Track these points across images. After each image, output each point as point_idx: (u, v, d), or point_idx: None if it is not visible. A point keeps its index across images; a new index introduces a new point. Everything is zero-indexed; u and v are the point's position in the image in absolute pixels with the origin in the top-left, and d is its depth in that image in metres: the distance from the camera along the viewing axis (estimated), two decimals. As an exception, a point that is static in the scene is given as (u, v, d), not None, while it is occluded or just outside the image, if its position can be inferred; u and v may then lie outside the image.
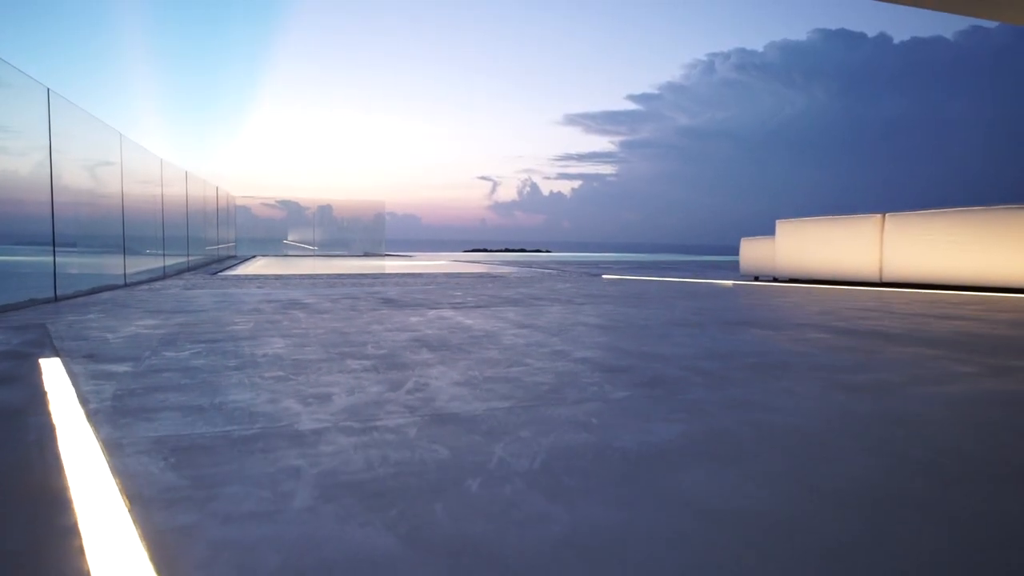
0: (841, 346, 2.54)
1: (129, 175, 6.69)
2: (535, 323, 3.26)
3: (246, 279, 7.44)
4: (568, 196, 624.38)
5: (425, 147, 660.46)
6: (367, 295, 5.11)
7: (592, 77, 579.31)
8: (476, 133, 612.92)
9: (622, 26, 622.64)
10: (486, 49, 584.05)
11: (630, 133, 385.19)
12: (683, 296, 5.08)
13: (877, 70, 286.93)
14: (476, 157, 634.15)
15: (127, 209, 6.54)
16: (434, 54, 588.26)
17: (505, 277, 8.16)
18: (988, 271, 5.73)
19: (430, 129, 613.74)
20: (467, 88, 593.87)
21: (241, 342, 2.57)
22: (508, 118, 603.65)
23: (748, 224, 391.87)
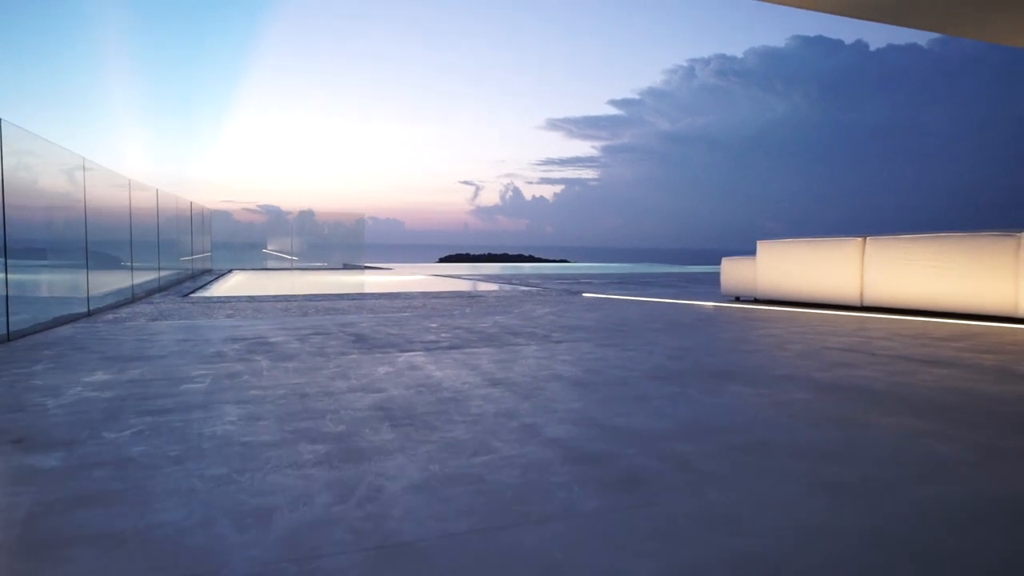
0: (825, 415, 2.43)
1: (94, 199, 6.47)
2: (507, 376, 3.12)
3: (218, 303, 7.23)
4: (551, 201, 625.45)
5: (407, 151, 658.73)
6: (338, 329, 4.95)
7: (574, 82, 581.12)
8: (458, 137, 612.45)
9: (604, 31, 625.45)
10: (468, 53, 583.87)
11: (612, 138, 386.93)
12: (664, 326, 4.97)
13: (855, 77, 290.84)
14: (458, 161, 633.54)
15: (93, 231, 6.32)
16: (416, 58, 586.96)
17: (484, 298, 8.01)
18: (968, 298, 5.68)
19: (412, 133, 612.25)
20: (449, 92, 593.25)
21: (192, 413, 2.40)
22: (490, 122, 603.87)
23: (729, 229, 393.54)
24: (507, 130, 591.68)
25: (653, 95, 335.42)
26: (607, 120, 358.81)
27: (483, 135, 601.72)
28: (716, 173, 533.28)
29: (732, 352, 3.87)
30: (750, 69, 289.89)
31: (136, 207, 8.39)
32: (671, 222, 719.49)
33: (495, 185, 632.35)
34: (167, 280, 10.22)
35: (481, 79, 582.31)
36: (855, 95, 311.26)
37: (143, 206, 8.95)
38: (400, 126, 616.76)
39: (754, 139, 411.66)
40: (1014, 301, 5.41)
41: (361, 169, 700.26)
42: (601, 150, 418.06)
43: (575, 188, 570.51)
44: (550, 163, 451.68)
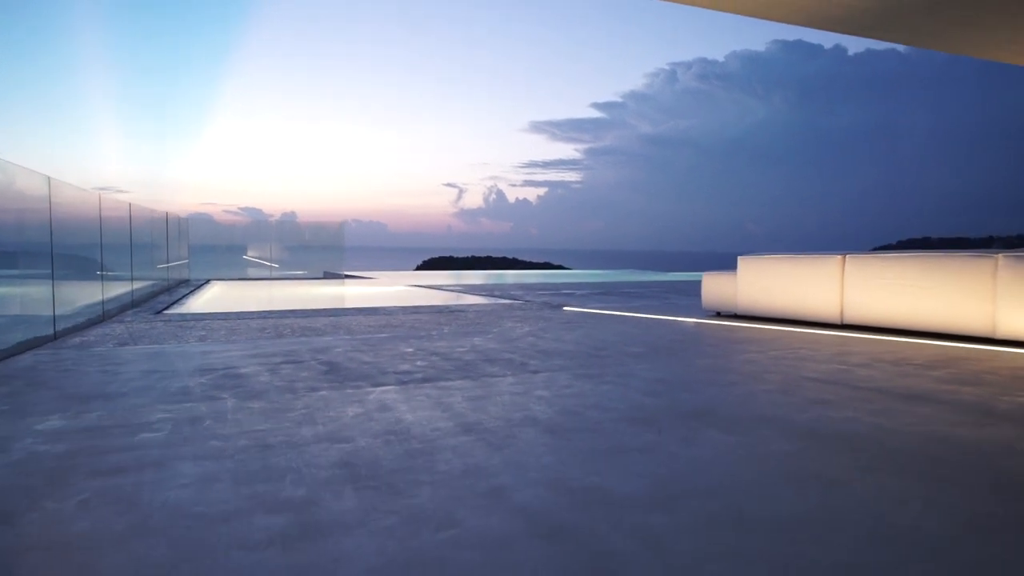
0: (803, 472, 2.36)
1: (62, 216, 6.30)
2: (480, 419, 3.02)
3: (191, 322, 7.07)
4: (534, 203, 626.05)
5: (390, 154, 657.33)
6: (311, 356, 4.83)
7: (557, 85, 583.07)
8: (442, 140, 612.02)
9: (586, 34, 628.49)
10: (451, 56, 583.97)
11: (594, 141, 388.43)
12: (643, 351, 4.90)
13: (833, 80, 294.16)
14: (442, 164, 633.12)
15: (61, 249, 6.14)
16: (399, 60, 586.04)
17: (464, 313, 7.91)
18: (947, 319, 5.68)
19: (395, 136, 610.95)
20: (432, 95, 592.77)
21: (144, 474, 2.29)
22: (474, 125, 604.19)
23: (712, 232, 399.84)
24: (490, 132, 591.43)
25: (635, 98, 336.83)
26: (590, 123, 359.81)
27: (466, 137, 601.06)
28: (698, 176, 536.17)
29: (710, 386, 3.80)
30: (731, 73, 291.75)
31: (108, 222, 8.21)
32: (654, 225, 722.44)
33: (478, 188, 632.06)
34: (141, 294, 10.01)
35: (464, 81, 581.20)
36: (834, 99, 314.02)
37: (115, 222, 8.76)
38: (383, 128, 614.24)
39: (736, 142, 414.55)
40: (992, 323, 5.41)
41: (344, 172, 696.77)
42: (584, 153, 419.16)
43: (558, 191, 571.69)
44: (533, 165, 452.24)
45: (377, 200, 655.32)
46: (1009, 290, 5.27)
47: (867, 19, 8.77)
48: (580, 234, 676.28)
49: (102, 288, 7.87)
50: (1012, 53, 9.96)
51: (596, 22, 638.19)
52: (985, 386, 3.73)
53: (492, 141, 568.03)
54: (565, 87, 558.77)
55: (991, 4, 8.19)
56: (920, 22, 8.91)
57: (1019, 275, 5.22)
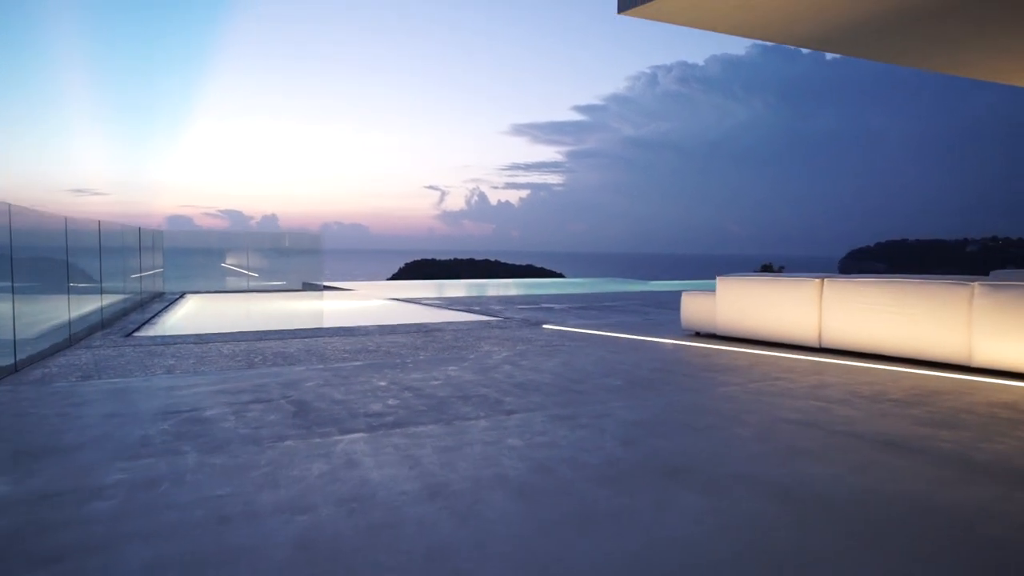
0: (778, 548, 2.29)
1: (23, 242, 6.11)
2: (448, 479, 2.93)
3: (161, 346, 6.88)
4: (516, 206, 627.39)
5: (372, 156, 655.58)
6: (281, 392, 4.69)
7: (539, 87, 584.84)
8: (423, 142, 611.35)
9: (567, 37, 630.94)
10: (433, 58, 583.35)
11: (576, 143, 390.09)
12: (621, 384, 4.82)
13: (813, 84, 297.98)
14: (423, 166, 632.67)
15: (24, 272, 5.95)
16: (380, 63, 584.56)
17: (442, 333, 7.79)
18: (924, 346, 5.67)
19: (376, 138, 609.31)
20: (414, 97, 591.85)
21: (88, 559, 2.16)
22: (456, 127, 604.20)
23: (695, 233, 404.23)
24: (472, 135, 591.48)
25: (617, 101, 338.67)
26: (571, 125, 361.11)
27: (448, 140, 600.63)
28: (680, 178, 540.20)
29: (687, 431, 3.74)
30: (711, 76, 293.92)
31: (76, 242, 8.00)
32: (637, 228, 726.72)
33: (461, 190, 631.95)
34: (112, 311, 9.78)
35: (446, 84, 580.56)
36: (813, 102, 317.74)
37: (84, 239, 8.55)
38: (364, 131, 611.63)
39: (717, 145, 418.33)
40: (968, 351, 5.41)
41: (325, 174, 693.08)
42: (566, 155, 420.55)
43: (540, 193, 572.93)
44: (515, 168, 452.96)
45: (358, 202, 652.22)
46: (984, 319, 5.27)
47: (839, 37, 8.80)
48: (562, 237, 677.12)
49: (69, 309, 7.67)
50: (983, 70, 10.05)
51: (577, 25, 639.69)
52: (962, 429, 3.70)
53: (474, 143, 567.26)
54: (547, 90, 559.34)
55: (962, 24, 8.25)
56: (891, 41, 8.96)
57: (994, 305, 5.22)
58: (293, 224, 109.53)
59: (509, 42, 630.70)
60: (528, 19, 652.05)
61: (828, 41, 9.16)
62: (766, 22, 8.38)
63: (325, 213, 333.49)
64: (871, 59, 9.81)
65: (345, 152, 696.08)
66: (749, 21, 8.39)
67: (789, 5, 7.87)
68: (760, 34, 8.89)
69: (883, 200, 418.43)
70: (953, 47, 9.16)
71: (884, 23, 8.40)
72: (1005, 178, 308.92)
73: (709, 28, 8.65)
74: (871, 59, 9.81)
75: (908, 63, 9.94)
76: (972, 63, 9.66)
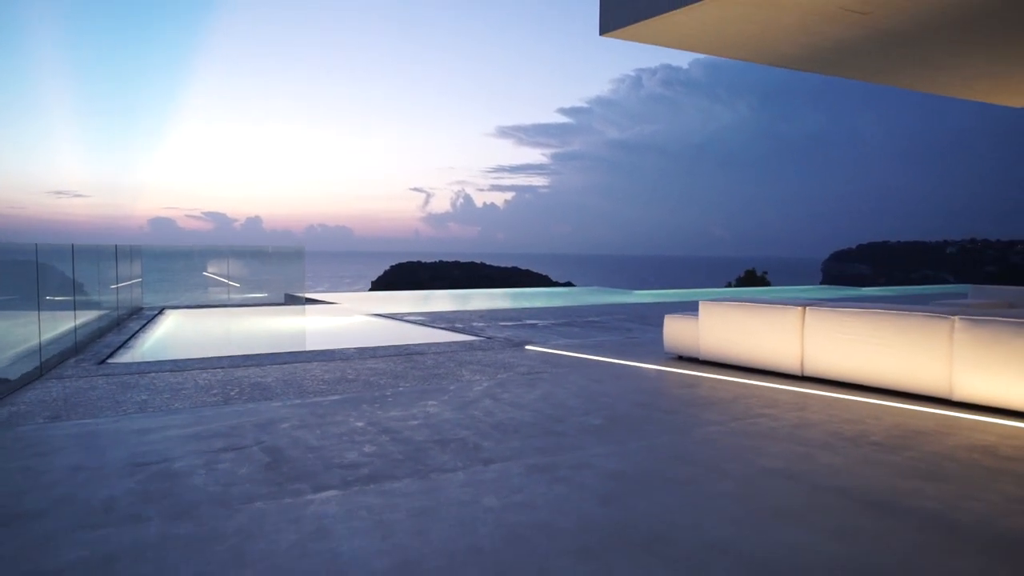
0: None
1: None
2: (421, 554, 2.84)
3: (135, 375, 6.72)
4: (501, 208, 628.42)
5: (356, 158, 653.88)
6: (255, 437, 4.57)
7: (524, 90, 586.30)
8: (408, 144, 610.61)
9: (552, 39, 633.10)
10: (418, 60, 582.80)
11: (561, 146, 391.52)
12: (602, 422, 4.75)
13: (795, 86, 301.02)
14: (408, 168, 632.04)
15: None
16: (365, 65, 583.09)
17: (422, 358, 7.68)
18: (905, 377, 5.66)
19: (361, 141, 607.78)
20: (399, 99, 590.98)
21: (38, 667, 2.05)
22: (440, 129, 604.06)
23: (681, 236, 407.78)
24: (457, 137, 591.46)
25: (601, 103, 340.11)
26: (556, 128, 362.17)
27: (433, 142, 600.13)
28: (665, 180, 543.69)
29: (667, 486, 3.68)
30: (695, 79, 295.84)
31: (48, 266, 7.83)
32: (621, 229, 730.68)
33: (446, 192, 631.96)
34: (86, 332, 9.58)
35: (431, 85, 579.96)
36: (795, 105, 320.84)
37: (57, 258, 8.38)
38: (349, 133, 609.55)
39: (701, 147, 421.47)
40: (948, 385, 5.40)
41: (309, 176, 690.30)
42: (551, 157, 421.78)
43: (526, 195, 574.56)
44: (500, 170, 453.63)
45: (343, 205, 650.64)
46: (964, 353, 5.26)
47: (820, 58, 8.82)
48: (547, 239, 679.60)
49: (39, 335, 7.49)
50: (960, 90, 10.12)
51: (562, 27, 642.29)
52: (945, 481, 3.66)
53: (459, 145, 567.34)
54: (532, 92, 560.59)
55: (938, 47, 8.28)
56: (869, 61, 9.00)
57: (974, 339, 5.21)
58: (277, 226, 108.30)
59: (494, 44, 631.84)
60: (512, 21, 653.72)
61: (809, 61, 9.17)
62: (747, 44, 8.38)
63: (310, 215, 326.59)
64: (850, 78, 9.85)
65: (330, 154, 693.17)
66: (730, 43, 8.39)
67: (769, 28, 7.87)
68: (741, 55, 8.88)
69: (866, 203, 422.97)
70: (930, 69, 9.21)
71: (863, 46, 8.42)
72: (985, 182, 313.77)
73: (691, 49, 8.63)
74: (850, 78, 9.85)
75: (886, 82, 10.00)
76: (949, 84, 9.73)
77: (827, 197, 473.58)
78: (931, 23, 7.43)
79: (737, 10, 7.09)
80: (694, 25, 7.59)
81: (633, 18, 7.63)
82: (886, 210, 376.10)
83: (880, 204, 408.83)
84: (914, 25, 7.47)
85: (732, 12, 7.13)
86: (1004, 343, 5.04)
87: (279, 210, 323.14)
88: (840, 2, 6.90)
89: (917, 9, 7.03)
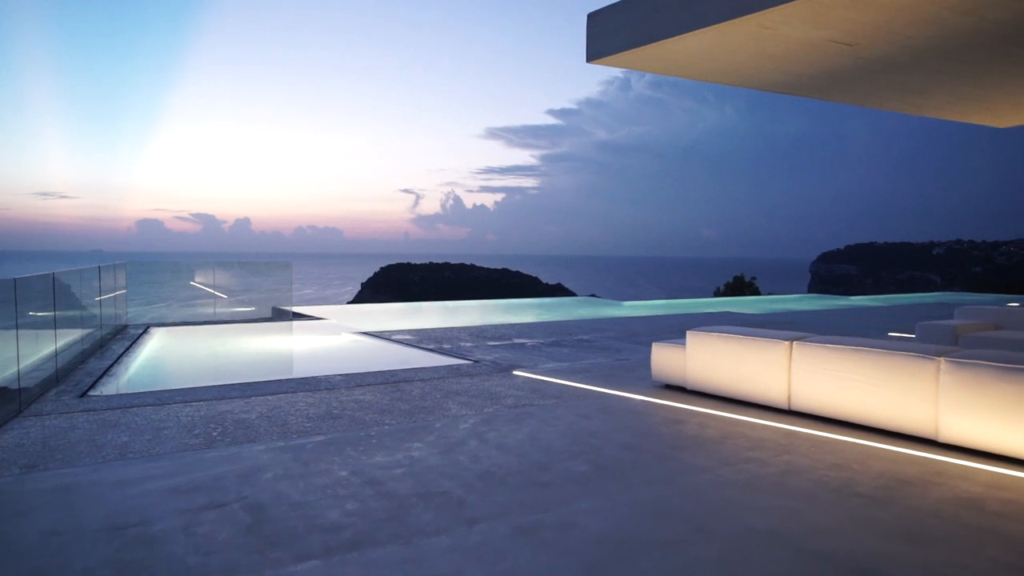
0: None
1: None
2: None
3: (117, 411, 6.61)
4: (491, 209, 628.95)
5: (345, 160, 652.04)
6: (237, 489, 4.50)
7: (513, 91, 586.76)
8: (397, 146, 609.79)
9: (541, 40, 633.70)
10: (407, 61, 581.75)
11: (551, 147, 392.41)
12: (588, 471, 4.71)
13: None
14: (398, 170, 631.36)
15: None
16: (354, 67, 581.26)
17: (409, 387, 7.61)
18: (892, 416, 5.66)
19: (350, 142, 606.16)
20: (388, 100, 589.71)
21: None
22: (429, 131, 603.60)
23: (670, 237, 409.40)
24: (447, 138, 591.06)
25: (590, 105, 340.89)
26: (546, 129, 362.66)
27: (423, 143, 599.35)
28: (654, 182, 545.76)
29: (652, 550, 3.64)
30: (684, 81, 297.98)
31: (26, 298, 7.72)
32: (611, 231, 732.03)
33: (436, 194, 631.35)
34: (68, 356, 9.45)
35: (420, 87, 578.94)
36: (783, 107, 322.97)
37: (36, 288, 8.27)
38: (339, 134, 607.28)
39: (689, 149, 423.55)
40: (934, 426, 5.40)
41: (299, 178, 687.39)
42: (540, 159, 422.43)
43: (515, 196, 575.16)
44: (490, 171, 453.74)
45: (332, 206, 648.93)
46: (950, 396, 5.27)
47: (805, 84, 8.85)
48: (537, 240, 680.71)
49: (18, 363, 7.38)
50: (944, 113, 10.17)
51: (551, 27, 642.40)
52: (931, 543, 3.65)
53: (448, 147, 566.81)
54: (521, 93, 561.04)
55: (922, 75, 8.32)
56: (859, 88, 9.03)
57: (959, 382, 5.22)
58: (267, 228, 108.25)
59: (483, 45, 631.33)
60: (501, 23, 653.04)
61: (796, 87, 9.19)
62: (734, 71, 8.38)
63: (299, 217, 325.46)
64: (837, 102, 9.88)
65: (319, 156, 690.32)
66: (717, 70, 8.38)
67: (757, 58, 7.87)
68: (728, 81, 8.88)
69: (853, 204, 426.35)
70: (915, 94, 9.25)
71: (849, 73, 8.45)
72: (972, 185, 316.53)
73: (678, 75, 8.63)
74: (837, 102, 9.88)
75: (873, 106, 10.03)
76: (934, 107, 9.78)
77: (815, 199, 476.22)
78: (915, 53, 7.46)
79: (724, 41, 7.09)
80: (681, 54, 7.58)
81: (620, 48, 7.62)
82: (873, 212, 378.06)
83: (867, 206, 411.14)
84: (899, 54, 7.50)
85: (719, 42, 7.13)
86: (989, 387, 5.05)
87: (268, 212, 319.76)
88: (827, 34, 6.92)
89: (901, 40, 7.05)
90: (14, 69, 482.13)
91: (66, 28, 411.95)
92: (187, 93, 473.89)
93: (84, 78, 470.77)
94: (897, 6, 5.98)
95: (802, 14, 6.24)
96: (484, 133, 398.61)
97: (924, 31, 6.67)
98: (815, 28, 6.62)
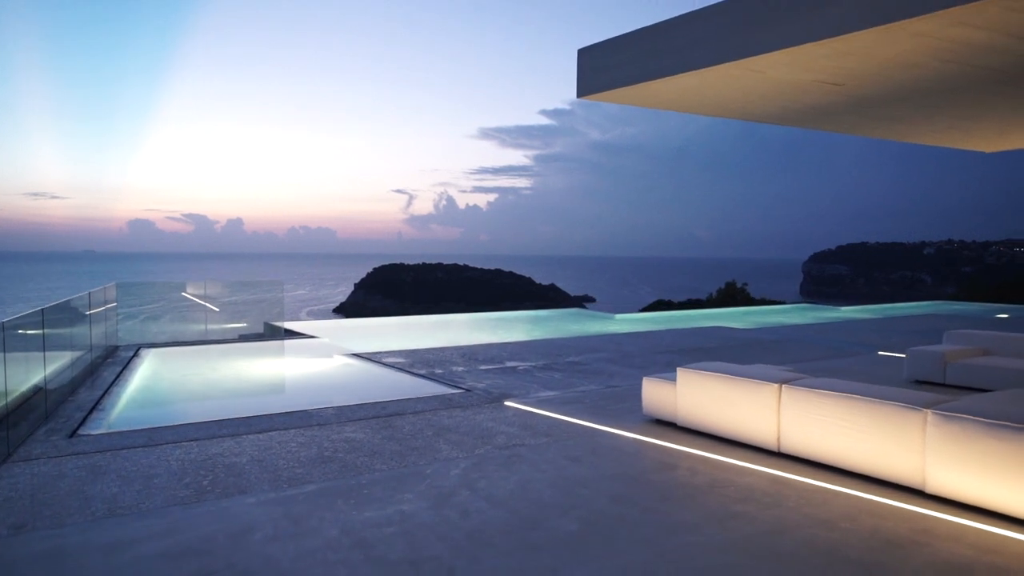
0: None
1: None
2: None
3: (108, 452, 6.58)
4: (484, 209, 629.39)
5: (338, 160, 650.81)
6: (227, 557, 4.50)
7: (506, 91, 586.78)
8: (390, 146, 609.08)
9: (534, 40, 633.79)
10: (400, 61, 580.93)
11: (544, 147, 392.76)
12: (578, 530, 4.73)
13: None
14: (391, 170, 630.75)
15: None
16: (347, 67, 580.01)
17: (400, 421, 7.60)
18: (879, 464, 5.71)
19: (343, 142, 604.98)
20: (381, 100, 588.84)
21: None
22: (422, 131, 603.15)
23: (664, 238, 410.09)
24: (440, 138, 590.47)
25: (584, 105, 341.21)
26: (539, 129, 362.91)
27: (416, 143, 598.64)
28: (647, 182, 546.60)
29: (642, 628, 3.66)
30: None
31: (15, 334, 7.69)
32: (604, 231, 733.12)
33: (429, 194, 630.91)
34: (56, 385, 9.39)
35: (413, 87, 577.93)
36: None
37: (26, 326, 8.24)
38: (331, 134, 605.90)
39: (682, 149, 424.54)
40: (922, 477, 5.45)
41: (291, 178, 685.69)
42: (533, 159, 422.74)
43: (509, 197, 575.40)
44: (483, 172, 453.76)
45: (326, 206, 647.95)
46: (937, 447, 5.31)
47: (800, 117, 8.90)
48: (531, 240, 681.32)
49: (6, 398, 7.33)
50: (930, 139, 10.24)
51: (544, 27, 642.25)
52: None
53: (442, 147, 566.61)
54: (514, 93, 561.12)
55: (907, 108, 8.37)
56: (846, 119, 9.10)
57: (946, 434, 5.26)
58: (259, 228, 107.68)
59: (476, 45, 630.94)
60: (495, 22, 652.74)
61: (785, 120, 9.24)
62: (723, 107, 8.41)
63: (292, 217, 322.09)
64: (826, 131, 9.94)
65: (312, 156, 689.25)
66: (706, 105, 8.41)
67: (746, 95, 7.91)
68: (718, 114, 8.92)
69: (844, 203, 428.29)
70: (902, 124, 9.32)
71: (836, 108, 8.50)
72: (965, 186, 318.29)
73: (668, 109, 8.66)
74: (826, 131, 9.94)
75: (860, 134, 10.09)
76: (920, 135, 9.84)
77: (807, 199, 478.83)
78: (902, 92, 7.52)
79: (714, 81, 7.12)
80: (672, 92, 7.61)
81: (610, 85, 7.64)
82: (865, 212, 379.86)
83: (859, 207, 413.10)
84: (886, 93, 7.55)
85: (709, 82, 7.16)
86: (975, 442, 5.09)
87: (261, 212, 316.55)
88: (815, 77, 6.95)
89: (888, 82, 7.10)
90: (4, 69, 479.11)
91: (57, 27, 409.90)
92: (179, 93, 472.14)
93: (76, 78, 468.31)
94: (884, 55, 6.02)
95: (789, 60, 6.28)
96: (477, 133, 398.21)
97: (911, 73, 6.72)
98: (803, 72, 6.66)
